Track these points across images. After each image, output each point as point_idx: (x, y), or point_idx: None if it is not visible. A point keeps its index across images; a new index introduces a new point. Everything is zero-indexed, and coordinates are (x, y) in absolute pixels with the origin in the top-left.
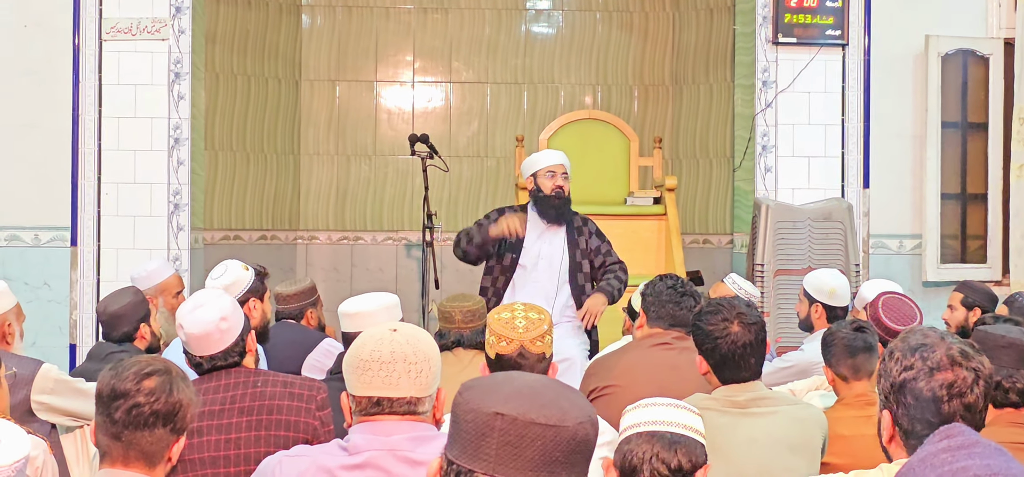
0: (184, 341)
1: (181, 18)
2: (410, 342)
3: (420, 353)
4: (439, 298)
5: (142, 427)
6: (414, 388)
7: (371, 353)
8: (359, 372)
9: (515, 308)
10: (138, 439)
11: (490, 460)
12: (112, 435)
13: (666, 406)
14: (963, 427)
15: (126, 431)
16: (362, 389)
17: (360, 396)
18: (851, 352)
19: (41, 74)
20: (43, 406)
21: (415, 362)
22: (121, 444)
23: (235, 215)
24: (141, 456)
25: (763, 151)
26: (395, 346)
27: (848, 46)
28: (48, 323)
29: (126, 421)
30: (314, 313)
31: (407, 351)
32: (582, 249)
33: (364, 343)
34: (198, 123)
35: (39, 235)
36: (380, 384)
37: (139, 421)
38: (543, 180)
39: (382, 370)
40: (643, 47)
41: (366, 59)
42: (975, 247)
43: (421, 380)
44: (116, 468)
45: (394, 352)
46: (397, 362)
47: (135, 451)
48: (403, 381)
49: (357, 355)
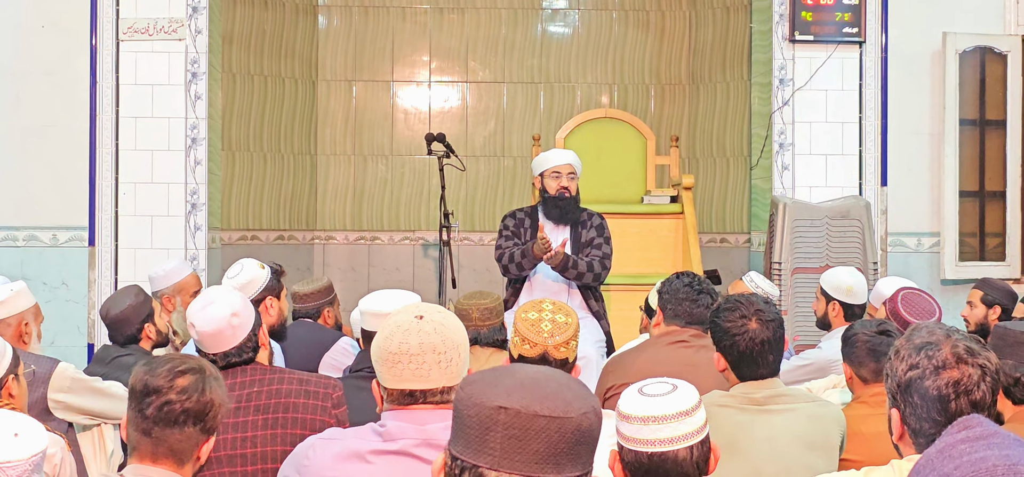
0: (197, 340)
1: (198, 18)
2: (438, 330)
3: (449, 341)
4: (456, 297)
5: (173, 425)
6: (445, 378)
7: (399, 346)
8: (389, 365)
9: (543, 308)
10: (168, 436)
11: (495, 454)
12: (142, 431)
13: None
14: (981, 418)
15: (156, 428)
16: (393, 382)
17: (392, 389)
18: (875, 357)
19: (58, 75)
20: (60, 404)
21: (444, 351)
22: (151, 440)
23: (252, 215)
24: (170, 453)
25: (780, 149)
26: (422, 337)
27: (865, 43)
28: (66, 323)
29: (157, 417)
30: (331, 312)
31: (435, 341)
32: (582, 243)
33: (391, 335)
34: (215, 123)
35: (57, 235)
36: (411, 376)
37: (170, 418)
38: (549, 181)
39: (412, 362)
40: (659, 46)
41: (382, 59)
42: (994, 245)
43: (452, 368)
44: (145, 464)
45: (422, 343)
46: (426, 353)
47: (164, 448)
48: (433, 372)
49: (385, 347)
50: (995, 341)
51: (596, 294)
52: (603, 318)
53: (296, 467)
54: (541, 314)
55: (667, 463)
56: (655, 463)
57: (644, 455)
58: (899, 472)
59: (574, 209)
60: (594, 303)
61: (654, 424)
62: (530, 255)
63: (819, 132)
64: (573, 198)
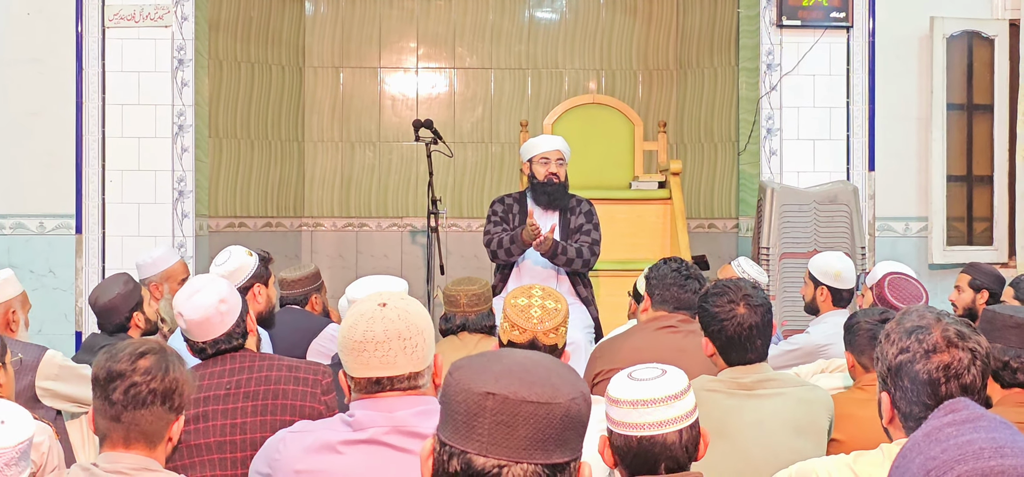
0: (184, 329)
1: (184, 5)
2: (402, 316)
3: (413, 327)
4: (444, 284)
5: (141, 406)
6: (411, 363)
7: (364, 334)
8: (355, 354)
9: (532, 294)
10: (138, 419)
11: (483, 440)
12: (111, 417)
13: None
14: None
15: (125, 412)
16: (360, 370)
17: (359, 377)
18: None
19: (44, 62)
20: (48, 392)
21: (409, 337)
22: (121, 425)
23: (240, 202)
24: (142, 436)
25: (768, 134)
26: (387, 324)
27: (852, 28)
28: (54, 311)
29: (124, 401)
30: (318, 299)
31: (400, 327)
32: (570, 229)
33: (356, 324)
34: (202, 110)
35: (44, 223)
36: (378, 364)
37: (138, 400)
38: (537, 167)
39: (378, 350)
40: (647, 31)
41: (370, 45)
42: (981, 229)
43: (417, 354)
44: (117, 450)
45: (387, 330)
46: (392, 340)
47: (136, 431)
48: (400, 358)
49: (350, 336)
50: (984, 325)
51: (584, 280)
52: (591, 304)
53: (267, 461)
54: (531, 300)
55: (656, 447)
56: (644, 447)
57: (633, 439)
58: (888, 456)
59: (563, 195)
60: (582, 289)
61: (643, 407)
62: (519, 241)
63: (807, 117)
64: (562, 184)
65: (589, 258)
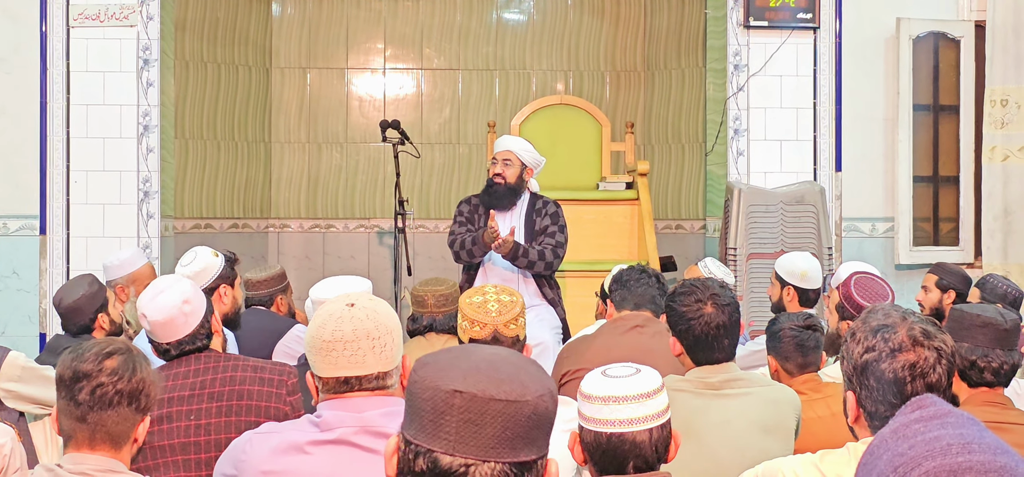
0: (148, 331)
1: (149, 4)
2: (370, 316)
3: (382, 326)
4: (412, 285)
5: (107, 407)
6: (380, 363)
7: (333, 334)
8: (323, 353)
9: (486, 291)
10: (104, 420)
11: (450, 439)
12: (77, 418)
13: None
14: (935, 398)
15: (91, 412)
16: (328, 370)
17: (327, 377)
18: (804, 351)
19: (8, 62)
20: (10, 394)
21: (378, 336)
22: (87, 426)
23: (206, 203)
24: (107, 437)
25: (735, 135)
26: (355, 323)
27: (819, 29)
28: (17, 312)
29: (91, 402)
30: (284, 299)
31: (369, 326)
32: (536, 231)
33: (324, 324)
34: (168, 110)
35: (7, 224)
36: (346, 363)
37: (104, 401)
38: (491, 167)
39: (346, 349)
40: (615, 32)
41: (337, 46)
42: (947, 230)
43: (386, 354)
44: (82, 451)
45: (356, 329)
46: (361, 339)
47: (101, 432)
48: (369, 358)
49: (318, 336)
50: (952, 324)
51: (551, 281)
52: (559, 305)
53: (233, 463)
54: (486, 296)
55: (625, 445)
56: (613, 444)
57: (603, 436)
58: (854, 454)
59: (506, 196)
60: (549, 290)
61: (614, 404)
62: (480, 243)
63: (774, 118)
64: (507, 186)
65: (552, 261)
